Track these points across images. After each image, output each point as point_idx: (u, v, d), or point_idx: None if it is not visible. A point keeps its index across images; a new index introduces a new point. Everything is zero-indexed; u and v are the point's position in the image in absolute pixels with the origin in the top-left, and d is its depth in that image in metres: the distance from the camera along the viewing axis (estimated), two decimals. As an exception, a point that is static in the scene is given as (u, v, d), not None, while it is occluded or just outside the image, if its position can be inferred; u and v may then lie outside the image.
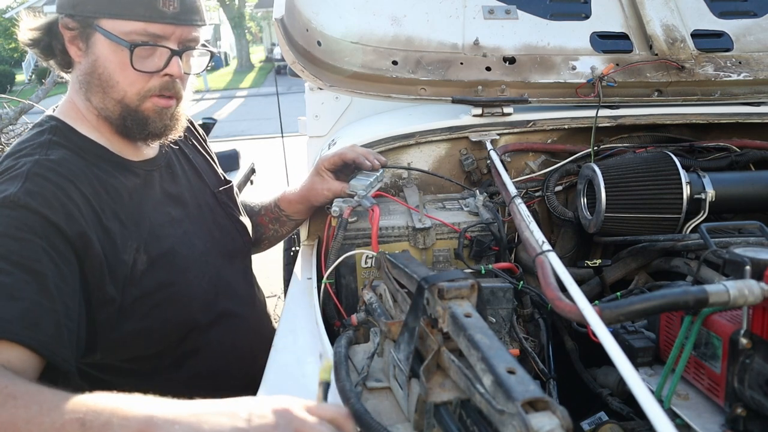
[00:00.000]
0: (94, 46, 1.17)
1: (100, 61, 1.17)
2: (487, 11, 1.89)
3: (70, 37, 1.18)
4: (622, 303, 0.86)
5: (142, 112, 1.22)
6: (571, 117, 1.78)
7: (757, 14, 1.97)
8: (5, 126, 4.93)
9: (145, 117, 1.22)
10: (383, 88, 1.81)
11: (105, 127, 1.25)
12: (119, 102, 1.20)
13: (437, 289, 0.85)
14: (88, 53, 1.18)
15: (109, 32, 1.14)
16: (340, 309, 1.32)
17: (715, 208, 1.47)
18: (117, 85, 1.18)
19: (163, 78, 1.20)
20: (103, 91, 1.19)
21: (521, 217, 1.28)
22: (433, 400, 0.77)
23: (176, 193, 1.36)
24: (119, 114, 1.21)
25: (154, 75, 1.19)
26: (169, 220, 1.29)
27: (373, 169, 1.51)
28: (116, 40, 1.14)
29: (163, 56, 1.19)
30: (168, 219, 1.29)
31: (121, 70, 1.17)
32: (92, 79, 1.19)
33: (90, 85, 1.20)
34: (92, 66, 1.18)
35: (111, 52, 1.16)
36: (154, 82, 1.20)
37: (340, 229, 1.33)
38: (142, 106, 1.21)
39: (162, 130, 1.26)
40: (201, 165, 1.52)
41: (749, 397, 0.88)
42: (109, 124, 1.24)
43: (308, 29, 1.72)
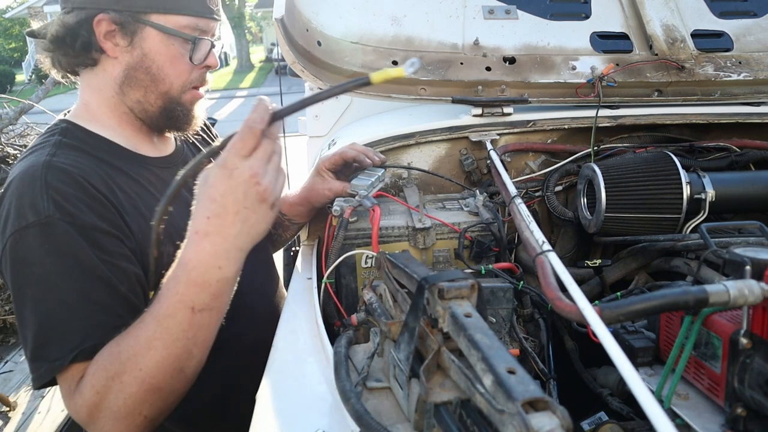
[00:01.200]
0: (144, 40, 1.19)
1: (151, 54, 1.20)
2: (487, 11, 1.89)
3: (108, 32, 1.18)
4: (622, 303, 0.86)
5: (184, 104, 1.27)
6: (571, 117, 1.78)
7: (757, 14, 1.97)
8: (5, 126, 4.93)
9: (187, 108, 1.28)
10: (383, 88, 1.81)
11: (127, 124, 1.27)
12: (163, 94, 1.24)
13: (437, 289, 0.85)
14: (133, 48, 1.20)
15: (165, 26, 1.18)
16: (341, 309, 1.32)
17: (715, 208, 1.47)
18: (166, 77, 1.22)
19: (201, 69, 1.27)
20: (150, 84, 1.22)
21: (521, 217, 1.28)
22: (433, 400, 0.77)
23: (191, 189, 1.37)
24: (161, 106, 1.25)
25: (195, 67, 1.24)
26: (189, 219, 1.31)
27: (374, 166, 1.51)
28: (176, 33, 1.19)
29: (205, 49, 1.25)
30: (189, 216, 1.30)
31: (171, 63, 1.21)
32: (138, 73, 1.21)
33: (133, 79, 1.22)
34: (140, 60, 1.20)
35: (163, 45, 1.20)
36: (195, 74, 1.25)
37: (341, 229, 1.33)
38: (183, 97, 1.26)
39: (195, 121, 1.32)
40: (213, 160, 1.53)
41: (749, 397, 0.88)
42: (136, 122, 1.27)
43: (308, 29, 1.72)
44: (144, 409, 1.01)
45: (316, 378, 1.02)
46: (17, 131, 5.17)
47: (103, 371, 0.99)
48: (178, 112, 1.27)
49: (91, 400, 0.99)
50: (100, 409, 1.00)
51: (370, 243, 1.33)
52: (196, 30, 1.21)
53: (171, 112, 1.26)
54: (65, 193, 1.07)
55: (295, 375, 1.04)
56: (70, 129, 1.21)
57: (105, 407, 0.99)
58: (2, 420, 3.10)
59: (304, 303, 1.28)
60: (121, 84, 1.22)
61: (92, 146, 1.20)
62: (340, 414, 0.88)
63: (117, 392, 0.99)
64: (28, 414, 3.14)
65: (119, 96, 1.24)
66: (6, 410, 3.17)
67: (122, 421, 1.01)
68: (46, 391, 3.32)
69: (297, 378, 1.03)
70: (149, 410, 1.02)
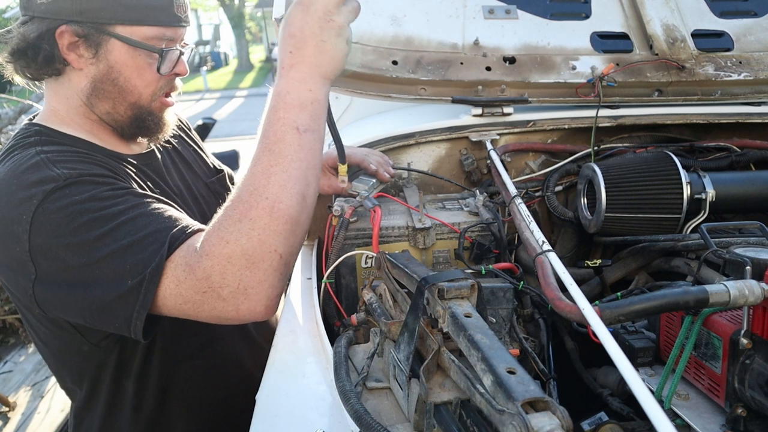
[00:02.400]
0: (109, 52, 1.16)
1: (118, 66, 1.18)
2: (487, 11, 1.89)
3: (71, 44, 1.15)
4: (623, 303, 0.86)
5: (155, 113, 1.26)
6: (571, 117, 1.78)
7: (758, 14, 1.96)
8: (5, 126, 4.93)
9: (158, 116, 1.27)
10: (383, 88, 1.81)
11: (99, 128, 1.25)
12: (132, 105, 1.22)
13: (437, 289, 0.85)
14: (98, 60, 1.17)
15: (130, 38, 1.16)
16: (341, 309, 1.32)
17: (716, 208, 1.47)
18: (134, 89, 1.21)
19: (170, 77, 1.26)
20: (118, 96, 1.20)
21: (521, 217, 1.28)
22: (433, 400, 0.77)
23: (172, 186, 1.37)
24: (130, 116, 1.24)
25: (163, 76, 1.23)
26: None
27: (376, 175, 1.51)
28: (141, 46, 1.17)
29: (173, 58, 1.23)
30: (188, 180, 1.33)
31: (138, 74, 1.20)
32: (105, 85, 1.19)
33: (101, 91, 1.19)
34: (106, 72, 1.18)
35: (129, 57, 1.18)
36: (163, 82, 1.24)
37: (342, 229, 1.32)
38: (153, 106, 1.25)
39: (166, 128, 1.32)
40: (190, 156, 1.53)
41: (749, 397, 0.88)
42: (108, 128, 1.26)
43: (308, 29, 1.72)
44: (278, 243, 0.95)
45: (316, 378, 1.02)
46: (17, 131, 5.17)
47: (226, 218, 0.95)
48: (149, 122, 1.26)
49: (222, 255, 0.93)
50: (233, 261, 0.93)
51: (370, 243, 1.33)
52: (162, 40, 1.20)
53: (142, 122, 1.26)
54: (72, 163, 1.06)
55: (295, 375, 1.04)
56: (44, 131, 1.18)
57: (238, 254, 0.93)
58: (2, 420, 3.10)
59: (304, 303, 1.28)
60: (88, 95, 1.20)
61: (72, 144, 1.18)
62: (340, 414, 0.88)
63: (248, 231, 0.93)
64: (28, 414, 3.14)
65: (88, 106, 1.21)
66: (5, 410, 3.17)
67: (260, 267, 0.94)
68: (45, 392, 3.32)
69: (297, 378, 1.03)
70: (283, 245, 0.96)
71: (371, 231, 1.33)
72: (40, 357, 3.72)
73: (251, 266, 0.94)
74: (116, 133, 1.27)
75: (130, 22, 1.16)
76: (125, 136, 1.29)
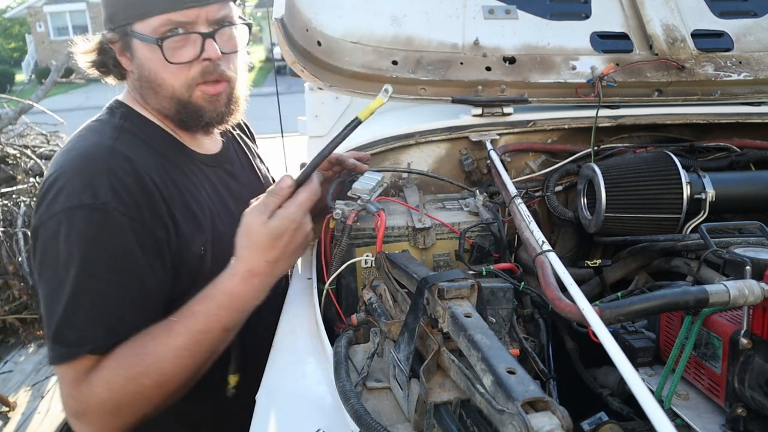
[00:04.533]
0: (136, 51, 1.19)
1: (144, 63, 1.19)
2: (487, 11, 1.89)
3: (118, 49, 1.20)
4: (623, 303, 0.86)
5: (194, 103, 1.22)
6: (571, 117, 1.78)
7: (758, 14, 1.96)
8: (5, 125, 4.93)
9: (198, 107, 1.23)
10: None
11: (167, 122, 1.27)
12: (171, 98, 1.21)
13: (437, 289, 0.85)
14: (133, 61, 1.20)
15: (140, 33, 1.15)
16: (341, 314, 1.31)
17: (715, 208, 1.47)
18: (164, 82, 1.19)
19: (202, 63, 1.18)
20: (155, 92, 1.21)
21: (521, 217, 1.28)
22: (433, 400, 0.77)
23: (237, 191, 1.37)
24: (175, 109, 1.23)
25: (194, 63, 1.18)
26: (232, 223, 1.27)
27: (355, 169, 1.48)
28: (147, 39, 1.15)
29: (196, 42, 1.17)
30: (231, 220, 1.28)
31: (163, 66, 1.17)
32: (143, 83, 1.21)
33: (144, 89, 1.22)
34: (139, 71, 1.20)
35: (149, 52, 1.17)
36: (196, 69, 1.19)
37: (345, 236, 1.30)
38: (192, 96, 1.21)
39: (219, 117, 1.26)
40: (252, 160, 1.54)
41: (749, 397, 0.88)
42: (170, 121, 1.27)
43: (308, 29, 1.72)
44: (149, 408, 1.04)
45: (316, 378, 1.02)
46: (17, 131, 5.17)
47: (123, 370, 1.01)
48: (187, 113, 1.23)
49: (100, 396, 1.00)
50: (104, 404, 1.01)
51: (371, 243, 1.33)
52: (171, 25, 1.14)
53: (185, 114, 1.23)
54: (125, 183, 1.08)
55: (295, 375, 1.04)
56: (129, 114, 1.23)
57: (111, 404, 1.01)
58: (2, 420, 3.10)
59: (304, 303, 1.28)
60: (141, 94, 1.24)
61: (149, 136, 1.22)
62: (340, 414, 0.88)
63: (133, 392, 1.01)
64: (28, 414, 3.13)
65: (146, 104, 1.25)
66: (5, 410, 3.16)
67: (119, 417, 1.03)
68: (45, 392, 3.32)
69: (297, 378, 1.03)
70: (152, 410, 1.05)
71: (372, 231, 1.32)
72: (40, 357, 3.73)
73: (113, 415, 1.03)
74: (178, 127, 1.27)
75: (138, 17, 1.15)
76: (184, 129, 1.28)
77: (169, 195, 1.16)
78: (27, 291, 3.91)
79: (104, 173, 1.06)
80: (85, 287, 1.02)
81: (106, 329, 1.03)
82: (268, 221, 1.08)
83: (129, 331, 1.05)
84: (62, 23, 27.45)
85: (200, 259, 1.20)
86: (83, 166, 1.08)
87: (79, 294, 1.02)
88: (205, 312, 1.07)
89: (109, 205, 1.04)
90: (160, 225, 1.12)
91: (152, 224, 1.10)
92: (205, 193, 1.27)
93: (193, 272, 1.19)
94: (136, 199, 1.08)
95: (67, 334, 1.02)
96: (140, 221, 1.08)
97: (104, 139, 1.14)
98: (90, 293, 1.03)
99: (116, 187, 1.06)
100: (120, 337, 1.04)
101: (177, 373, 1.05)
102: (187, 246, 1.17)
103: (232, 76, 1.25)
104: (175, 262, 1.16)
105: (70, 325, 1.02)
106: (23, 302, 3.92)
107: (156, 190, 1.13)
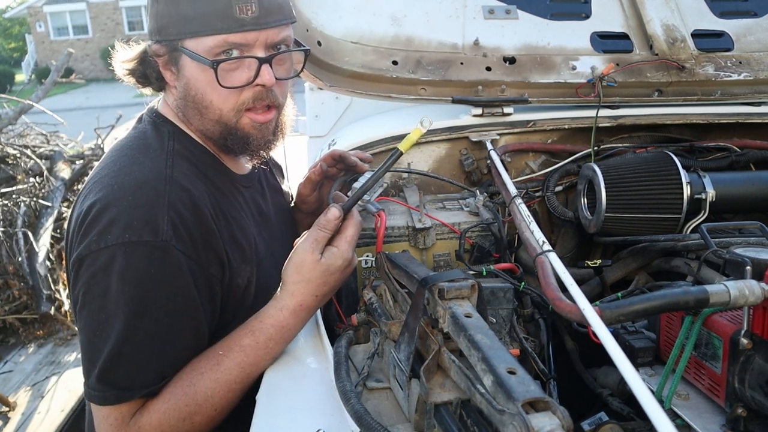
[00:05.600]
0: (184, 68, 1.12)
1: (191, 82, 1.12)
2: (487, 11, 1.89)
3: (163, 62, 1.14)
4: (623, 303, 0.86)
5: (241, 129, 1.15)
6: (571, 117, 1.78)
7: (758, 14, 1.96)
8: (5, 125, 4.93)
9: (245, 134, 1.16)
10: (383, 88, 1.81)
11: (209, 142, 1.22)
12: (217, 122, 1.14)
13: (437, 290, 0.85)
14: (180, 77, 1.14)
15: (193, 52, 1.08)
16: (341, 314, 1.31)
17: (716, 208, 1.47)
18: (211, 104, 1.13)
19: (254, 89, 1.12)
20: (200, 113, 1.15)
21: (521, 217, 1.28)
22: (433, 400, 0.77)
23: (266, 212, 1.34)
24: (220, 133, 1.16)
25: (246, 87, 1.11)
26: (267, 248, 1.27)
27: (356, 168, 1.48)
28: (199, 59, 1.08)
29: (251, 66, 1.10)
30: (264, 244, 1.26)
31: (212, 88, 1.11)
32: (187, 102, 1.15)
33: (187, 108, 1.16)
34: (185, 89, 1.14)
35: (199, 71, 1.10)
36: (247, 94, 1.13)
37: None
38: (240, 122, 1.15)
39: (266, 145, 1.21)
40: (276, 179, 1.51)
41: (750, 398, 0.88)
42: (213, 143, 1.21)
43: (308, 29, 1.72)
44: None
45: (316, 378, 1.02)
46: (17, 131, 5.17)
47: (175, 411, 1.00)
48: (233, 139, 1.16)
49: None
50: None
51: (371, 243, 1.33)
52: (227, 47, 1.08)
53: (230, 140, 1.16)
54: (185, 219, 1.03)
55: (295, 375, 1.04)
56: (177, 134, 1.17)
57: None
58: (2, 420, 3.10)
59: (304, 303, 1.27)
60: (183, 111, 1.17)
61: (198, 158, 1.17)
62: (340, 414, 0.88)
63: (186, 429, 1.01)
64: (28, 414, 3.13)
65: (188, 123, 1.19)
66: (5, 410, 3.16)
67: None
68: (45, 392, 3.32)
69: (297, 378, 1.03)
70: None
71: (372, 231, 1.32)
72: (40, 357, 3.73)
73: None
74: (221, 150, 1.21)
75: (191, 34, 1.08)
76: (226, 152, 1.22)
77: (221, 227, 1.12)
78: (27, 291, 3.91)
79: (164, 207, 1.00)
80: (138, 327, 0.98)
81: (158, 372, 1.01)
82: (321, 259, 1.07)
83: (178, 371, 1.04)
84: (62, 23, 27.45)
85: (245, 289, 1.17)
86: (142, 197, 1.01)
87: (132, 334, 0.98)
88: (255, 346, 1.05)
89: (170, 243, 0.99)
90: (214, 262, 1.08)
91: (207, 262, 1.06)
92: (247, 220, 1.23)
93: (237, 302, 1.16)
94: (194, 236, 1.04)
95: (117, 375, 0.98)
96: (197, 259, 1.04)
97: (160, 165, 1.07)
98: (143, 334, 0.98)
99: (176, 223, 1.01)
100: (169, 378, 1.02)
101: (228, 406, 1.05)
102: (234, 278, 1.14)
103: (282, 103, 1.20)
104: (224, 295, 1.13)
105: (121, 366, 0.98)
106: (23, 302, 3.92)
107: (213, 225, 1.08)
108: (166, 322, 1.00)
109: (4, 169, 4.64)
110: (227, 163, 1.25)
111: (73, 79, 6.69)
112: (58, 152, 4.99)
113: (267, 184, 1.41)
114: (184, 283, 1.02)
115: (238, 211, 1.21)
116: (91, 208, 1.01)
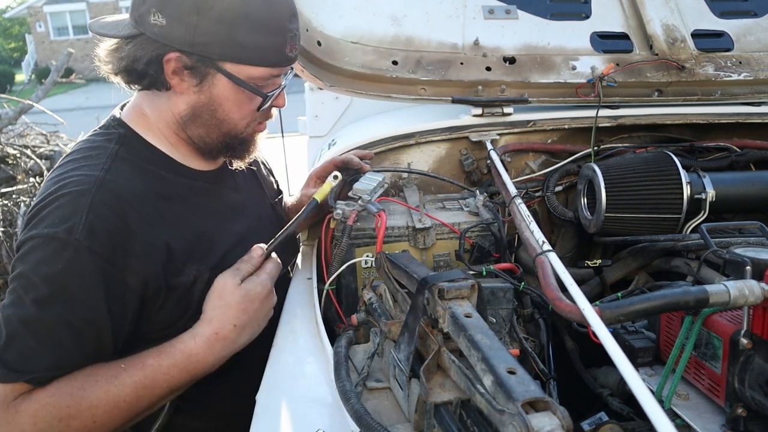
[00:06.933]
0: (214, 86, 1.14)
1: (219, 100, 1.16)
2: (487, 11, 1.89)
3: (176, 68, 1.13)
4: (623, 303, 0.86)
5: (247, 139, 1.25)
6: (571, 117, 1.78)
7: (758, 14, 1.97)
8: (5, 126, 4.93)
9: (249, 141, 1.26)
10: (383, 88, 1.81)
11: (183, 144, 1.24)
12: (226, 133, 1.21)
13: (437, 290, 0.84)
14: (201, 90, 1.15)
15: (236, 77, 1.13)
16: (341, 315, 1.31)
17: (716, 208, 1.47)
18: (231, 120, 1.19)
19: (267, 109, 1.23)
20: (213, 124, 1.19)
21: (521, 217, 1.28)
22: (433, 400, 0.77)
23: (239, 204, 1.35)
24: (221, 142, 1.22)
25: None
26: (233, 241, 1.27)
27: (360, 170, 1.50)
28: (247, 87, 1.14)
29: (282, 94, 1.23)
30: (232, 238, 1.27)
31: (238, 108, 1.18)
32: (202, 113, 1.17)
33: (198, 118, 1.18)
34: (207, 103, 1.16)
35: (232, 92, 1.15)
36: (260, 114, 1.23)
37: (345, 236, 1.31)
38: (245, 133, 1.23)
39: (254, 153, 1.30)
40: (261, 174, 1.52)
41: (750, 398, 0.88)
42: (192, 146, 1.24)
43: (308, 29, 1.72)
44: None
45: (316, 378, 1.02)
46: (17, 131, 5.17)
47: (54, 408, 0.99)
48: (238, 148, 1.25)
49: (23, 428, 0.99)
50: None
51: (371, 243, 1.33)
52: (268, 78, 1.17)
53: (231, 148, 1.24)
54: (105, 221, 1.04)
55: (295, 375, 1.04)
56: (128, 138, 1.18)
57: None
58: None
59: (304, 303, 1.28)
60: (184, 119, 1.19)
61: (148, 160, 1.18)
62: (340, 414, 0.88)
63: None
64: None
65: (180, 126, 1.20)
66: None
67: None
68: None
69: (297, 378, 1.03)
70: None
71: (372, 231, 1.33)
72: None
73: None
74: (199, 152, 1.25)
75: (239, 61, 1.12)
76: (208, 157, 1.27)
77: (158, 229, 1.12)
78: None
79: (85, 210, 1.04)
80: (38, 315, 1.00)
81: (51, 363, 1.01)
82: (241, 284, 1.11)
83: (72, 370, 1.03)
84: (62, 23, 27.44)
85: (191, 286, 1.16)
86: (67, 198, 1.05)
87: (32, 320, 1.00)
88: (156, 368, 1.05)
89: (82, 244, 1.02)
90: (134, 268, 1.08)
91: (125, 267, 1.07)
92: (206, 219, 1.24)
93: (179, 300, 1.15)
94: (113, 240, 1.05)
95: (10, 356, 1.00)
96: (112, 263, 1.05)
97: (95, 170, 1.10)
98: (42, 323, 1.01)
99: (94, 225, 1.03)
100: (61, 372, 1.02)
101: (109, 422, 1.03)
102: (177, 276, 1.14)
103: None
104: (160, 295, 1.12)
105: (15, 347, 1.00)
106: (23, 302, 3.91)
107: (140, 229, 1.09)
108: (65, 317, 1.02)
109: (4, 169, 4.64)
110: (190, 161, 1.26)
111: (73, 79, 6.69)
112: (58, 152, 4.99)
113: (244, 178, 1.42)
114: (91, 283, 1.03)
115: (193, 211, 1.22)
116: (34, 205, 1.09)
